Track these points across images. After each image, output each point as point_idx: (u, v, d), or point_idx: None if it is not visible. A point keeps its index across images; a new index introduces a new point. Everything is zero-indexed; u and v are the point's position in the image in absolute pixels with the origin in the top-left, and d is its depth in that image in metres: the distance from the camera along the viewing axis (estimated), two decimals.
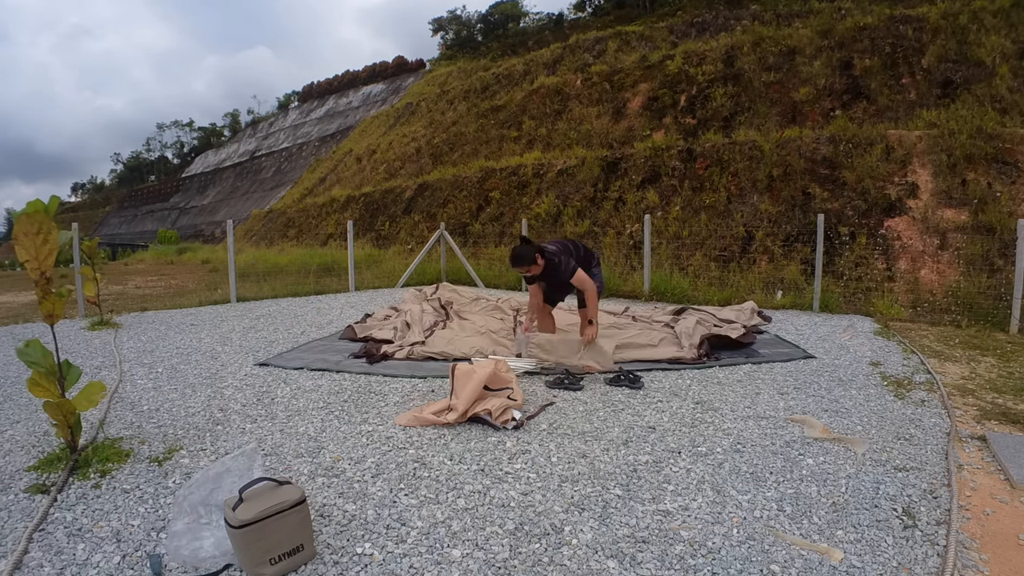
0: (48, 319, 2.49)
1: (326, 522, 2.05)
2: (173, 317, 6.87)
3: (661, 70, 16.27)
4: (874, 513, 2.13)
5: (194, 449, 2.74)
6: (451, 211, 15.78)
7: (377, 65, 50.89)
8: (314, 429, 3.01)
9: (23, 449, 2.76)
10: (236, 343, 5.29)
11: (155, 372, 4.24)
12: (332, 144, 38.91)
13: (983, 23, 11.93)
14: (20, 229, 2.31)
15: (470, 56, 37.93)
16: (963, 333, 5.74)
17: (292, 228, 24.63)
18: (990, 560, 1.85)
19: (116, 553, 1.86)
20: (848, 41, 13.43)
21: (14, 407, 3.41)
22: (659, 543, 1.93)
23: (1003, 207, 7.92)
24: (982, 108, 9.86)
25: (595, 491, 2.30)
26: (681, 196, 11.16)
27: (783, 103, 12.82)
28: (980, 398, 3.56)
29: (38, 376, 2.39)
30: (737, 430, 2.99)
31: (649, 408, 3.35)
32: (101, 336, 5.66)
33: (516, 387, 3.44)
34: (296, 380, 3.97)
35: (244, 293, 8.80)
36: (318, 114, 50.20)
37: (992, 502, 2.24)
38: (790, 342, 5.15)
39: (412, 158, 22.45)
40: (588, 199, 12.62)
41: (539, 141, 17.03)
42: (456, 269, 11.19)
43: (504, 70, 25.60)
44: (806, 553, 1.87)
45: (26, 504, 2.19)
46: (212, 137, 75.04)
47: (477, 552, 1.87)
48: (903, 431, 2.97)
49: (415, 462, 2.58)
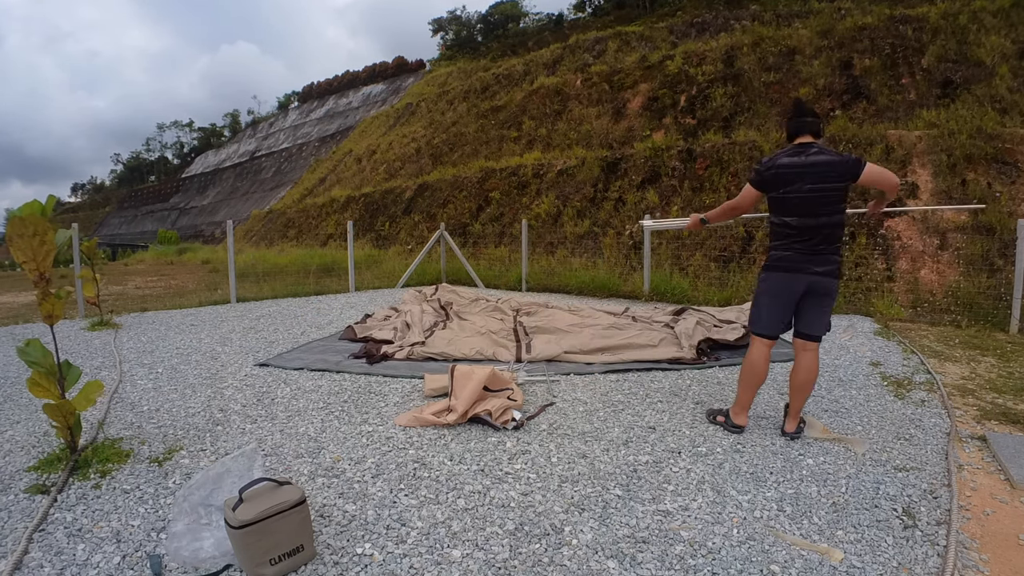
0: (48, 320, 2.49)
1: (326, 522, 2.05)
2: (173, 317, 6.87)
3: (661, 70, 16.27)
4: (874, 513, 2.13)
5: (194, 449, 2.74)
6: (451, 211, 15.78)
7: (377, 65, 50.92)
8: (314, 429, 3.01)
9: (23, 449, 2.76)
10: (236, 343, 5.29)
11: (155, 372, 4.24)
12: (332, 144, 38.93)
13: (983, 23, 11.93)
14: (14, 231, 2.30)
15: (470, 56, 37.95)
16: (963, 333, 5.74)
17: (292, 228, 24.64)
18: (990, 560, 1.85)
19: (116, 553, 1.86)
20: (848, 41, 13.43)
21: (14, 407, 3.40)
22: (659, 543, 1.93)
23: (1003, 207, 7.92)
24: (982, 108, 9.85)
25: (595, 491, 2.30)
26: (681, 196, 11.16)
27: (783, 103, 12.81)
28: (980, 398, 3.56)
29: (38, 376, 2.39)
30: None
31: (649, 408, 3.35)
32: (101, 336, 5.66)
33: (516, 387, 3.44)
34: (296, 380, 3.97)
35: (244, 293, 8.80)
36: (318, 114, 50.22)
37: (992, 502, 2.24)
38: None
39: (412, 158, 22.45)
40: (588, 199, 12.62)
41: (539, 141, 17.03)
42: (456, 269, 11.20)
43: (504, 70, 25.61)
44: (806, 553, 1.87)
45: (26, 504, 2.19)
46: (212, 137, 75.11)
47: (477, 552, 1.87)
48: (903, 431, 2.97)
49: (415, 462, 2.57)
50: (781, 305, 2.81)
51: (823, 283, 2.70)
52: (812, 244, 2.69)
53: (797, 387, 2.84)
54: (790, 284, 2.75)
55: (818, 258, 2.70)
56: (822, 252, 2.69)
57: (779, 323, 2.84)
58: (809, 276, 2.70)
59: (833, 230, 2.69)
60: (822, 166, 2.62)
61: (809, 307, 2.78)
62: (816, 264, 2.69)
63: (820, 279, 2.70)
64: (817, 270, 2.70)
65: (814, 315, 2.78)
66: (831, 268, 2.70)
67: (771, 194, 2.79)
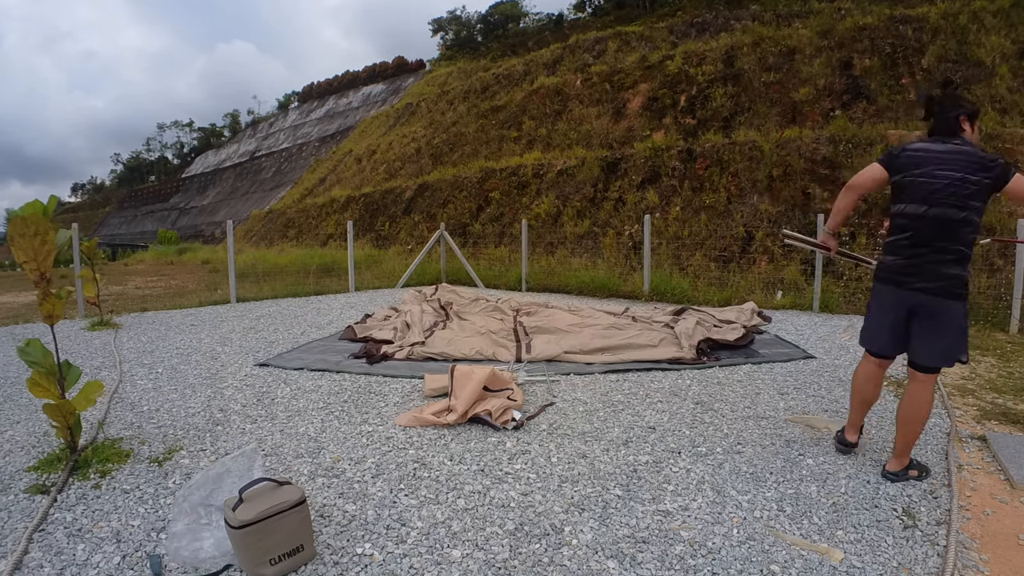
0: (48, 320, 2.49)
1: (326, 522, 2.05)
2: (173, 317, 6.87)
3: (661, 70, 16.28)
4: (874, 513, 2.13)
5: (194, 449, 2.74)
6: (451, 211, 15.78)
7: (377, 65, 50.91)
8: (314, 429, 3.01)
9: (23, 449, 2.76)
10: (236, 343, 5.29)
11: (155, 372, 4.24)
12: (332, 144, 38.93)
13: (983, 23, 11.94)
14: (15, 230, 2.31)
15: (470, 56, 37.95)
16: None
17: (292, 228, 24.64)
18: (990, 560, 1.85)
19: (116, 553, 1.86)
20: (848, 41, 13.43)
21: (14, 407, 3.40)
22: (659, 543, 1.93)
23: (1003, 207, 7.92)
24: (982, 108, 9.86)
25: (595, 491, 2.30)
26: (681, 196, 11.17)
27: (783, 103, 12.82)
28: (980, 398, 3.56)
29: (38, 376, 2.39)
30: (737, 430, 2.99)
31: (649, 408, 3.35)
32: (101, 336, 5.66)
33: (516, 387, 3.44)
34: (296, 380, 3.97)
35: (244, 293, 8.80)
36: (318, 114, 50.23)
37: (992, 502, 2.24)
38: (790, 342, 5.15)
39: (412, 158, 22.46)
40: (588, 199, 12.62)
41: (539, 141, 17.03)
42: (456, 269, 11.20)
43: (504, 70, 25.61)
44: (806, 553, 1.87)
45: (26, 504, 2.19)
46: (212, 137, 75.12)
47: (477, 552, 1.87)
48: None
49: (415, 462, 2.57)
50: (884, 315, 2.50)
51: (926, 301, 2.32)
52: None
53: (898, 419, 2.44)
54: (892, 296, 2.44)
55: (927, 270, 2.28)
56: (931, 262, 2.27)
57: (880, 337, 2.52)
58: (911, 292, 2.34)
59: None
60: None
61: (916, 328, 2.40)
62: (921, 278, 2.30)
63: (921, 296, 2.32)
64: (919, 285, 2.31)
65: (918, 338, 2.40)
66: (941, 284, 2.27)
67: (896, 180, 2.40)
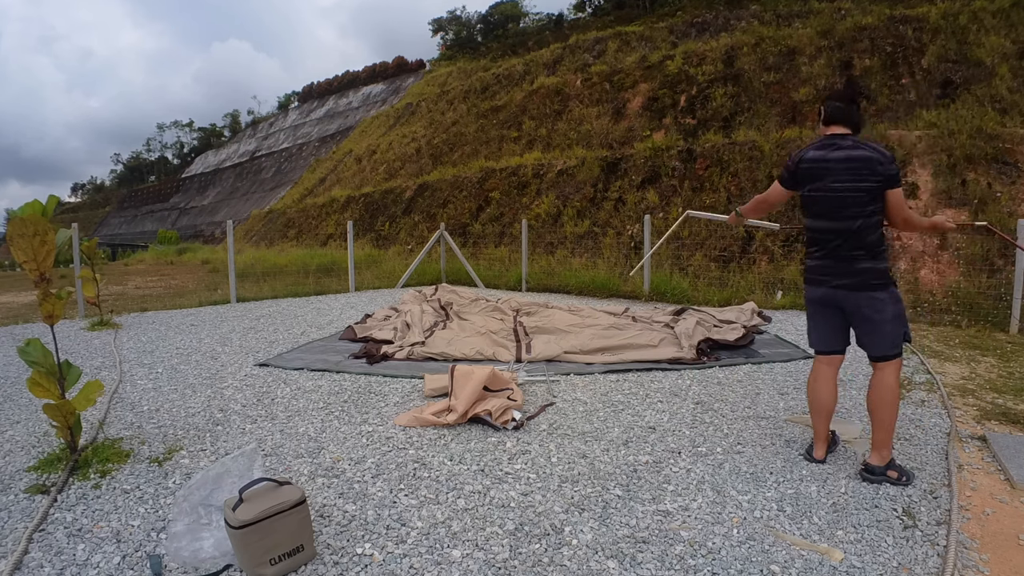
0: (48, 320, 2.49)
1: (326, 522, 2.05)
2: (173, 317, 6.87)
3: (661, 70, 16.27)
4: (874, 513, 2.13)
5: (194, 449, 2.74)
6: (451, 211, 15.77)
7: (377, 65, 50.85)
8: (314, 429, 3.01)
9: (23, 449, 2.76)
10: (236, 343, 5.29)
11: (155, 372, 4.24)
12: (332, 144, 38.91)
13: (983, 23, 11.93)
14: (15, 231, 2.31)
15: (470, 56, 37.91)
16: (963, 333, 5.74)
17: (292, 228, 24.63)
18: (990, 560, 1.85)
19: (116, 553, 1.86)
20: (848, 41, 13.42)
21: (14, 407, 3.41)
22: (659, 543, 1.93)
23: (1003, 207, 7.92)
24: (982, 108, 9.85)
25: (595, 491, 2.30)
26: (681, 196, 11.16)
27: (783, 103, 12.81)
28: (980, 398, 3.56)
29: (38, 376, 2.39)
30: (737, 430, 2.99)
31: (649, 408, 3.35)
32: (101, 336, 5.66)
33: (516, 387, 3.44)
34: (296, 380, 3.97)
35: (244, 293, 8.80)
36: (318, 114, 50.19)
37: (992, 502, 2.24)
38: (790, 342, 5.15)
39: (412, 158, 22.45)
40: (588, 199, 12.62)
41: (539, 141, 17.03)
42: (456, 270, 11.20)
43: (504, 70, 25.59)
44: (806, 553, 1.87)
45: (26, 504, 2.19)
46: (212, 137, 75.03)
47: (477, 552, 1.87)
48: (903, 431, 2.97)
49: (415, 462, 2.57)
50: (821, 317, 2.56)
51: (848, 297, 2.41)
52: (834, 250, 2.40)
53: (868, 409, 2.45)
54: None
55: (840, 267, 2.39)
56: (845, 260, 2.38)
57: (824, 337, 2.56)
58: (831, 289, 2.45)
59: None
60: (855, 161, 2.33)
61: (854, 323, 2.47)
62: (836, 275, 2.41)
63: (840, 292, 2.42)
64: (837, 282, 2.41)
65: (859, 333, 2.46)
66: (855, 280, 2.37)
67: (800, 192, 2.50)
